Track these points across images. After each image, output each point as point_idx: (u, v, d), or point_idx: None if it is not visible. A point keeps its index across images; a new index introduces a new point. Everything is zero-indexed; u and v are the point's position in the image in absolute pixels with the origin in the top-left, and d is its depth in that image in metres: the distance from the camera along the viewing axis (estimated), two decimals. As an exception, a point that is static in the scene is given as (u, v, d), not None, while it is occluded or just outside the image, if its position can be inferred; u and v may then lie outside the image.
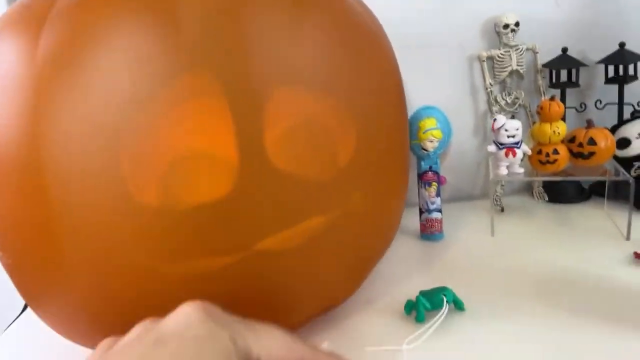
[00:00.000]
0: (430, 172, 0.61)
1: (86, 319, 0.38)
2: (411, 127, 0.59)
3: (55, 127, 0.33)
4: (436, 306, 0.45)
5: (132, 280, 0.35)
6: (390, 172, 0.44)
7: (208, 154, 0.33)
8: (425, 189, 0.61)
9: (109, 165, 0.32)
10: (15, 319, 0.55)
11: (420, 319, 0.45)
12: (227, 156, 0.33)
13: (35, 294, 0.40)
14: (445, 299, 0.45)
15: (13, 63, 0.35)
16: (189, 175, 0.33)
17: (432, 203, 0.61)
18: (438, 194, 0.61)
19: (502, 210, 0.71)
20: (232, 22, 0.34)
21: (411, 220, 0.66)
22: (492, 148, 0.61)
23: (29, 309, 0.55)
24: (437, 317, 0.43)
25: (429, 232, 0.63)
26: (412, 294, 0.46)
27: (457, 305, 0.46)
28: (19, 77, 0.34)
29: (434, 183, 0.61)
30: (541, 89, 0.72)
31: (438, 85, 0.71)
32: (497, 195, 0.72)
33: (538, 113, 0.62)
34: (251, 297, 0.38)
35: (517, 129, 0.60)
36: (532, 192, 0.74)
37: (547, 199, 0.73)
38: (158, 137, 0.32)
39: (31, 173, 0.34)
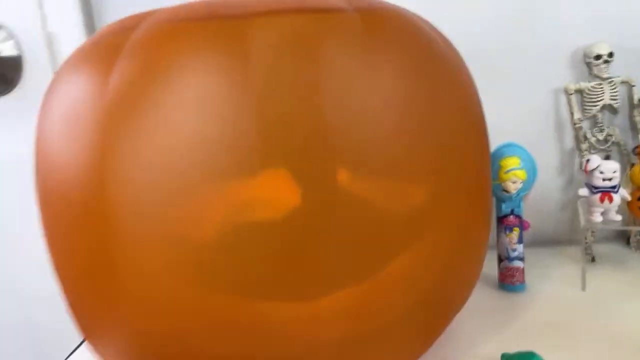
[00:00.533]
0: (512, 216, 0.55)
1: (136, 353, 0.37)
2: (492, 166, 0.54)
3: (121, 168, 0.32)
4: (523, 375, 0.39)
5: (188, 321, 0.33)
6: (470, 216, 0.40)
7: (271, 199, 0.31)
8: (506, 234, 0.55)
9: (169, 205, 0.31)
10: (72, 352, 0.54)
11: (504, 389, 0.39)
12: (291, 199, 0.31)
13: (90, 325, 0.39)
14: (534, 367, 0.39)
15: (83, 100, 0.34)
16: (249, 215, 0.31)
17: (514, 250, 0.55)
18: (520, 241, 0.55)
19: (593, 259, 0.63)
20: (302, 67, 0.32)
21: (489, 267, 0.60)
22: (584, 191, 0.55)
23: (84, 345, 0.54)
24: (525, 388, 0.37)
25: (509, 282, 0.56)
26: (492, 356, 0.41)
27: (548, 375, 0.40)
28: (88, 115, 0.33)
29: (515, 229, 0.55)
30: (638, 125, 0.65)
31: (519, 120, 0.66)
32: (587, 244, 0.64)
33: (637, 154, 0.55)
34: (310, 354, 0.34)
35: (615, 172, 0.53)
36: (628, 241, 0.66)
37: (645, 249, 0.64)
38: (221, 192, 0.30)
39: (95, 212, 0.33)
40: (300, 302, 0.33)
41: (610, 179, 0.53)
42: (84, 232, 0.34)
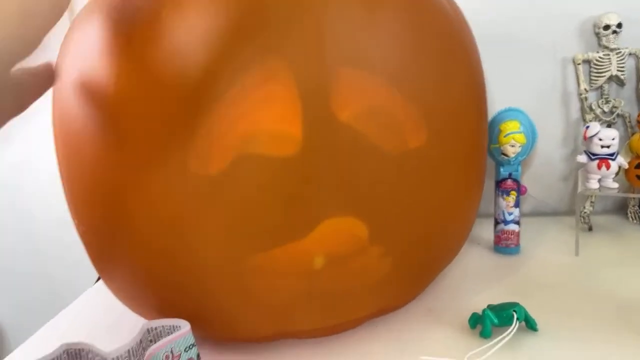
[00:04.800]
0: (509, 180, 0.56)
1: (147, 290, 0.39)
2: (492, 130, 0.55)
3: (134, 84, 0.33)
4: (505, 322, 0.41)
5: (197, 260, 0.35)
6: (463, 170, 0.41)
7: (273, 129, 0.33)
8: (503, 197, 0.57)
9: (178, 135, 0.33)
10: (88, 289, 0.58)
11: (485, 334, 0.41)
12: (292, 128, 0.33)
13: (105, 262, 0.41)
14: (515, 316, 0.41)
15: (97, 32, 0.36)
16: (255, 148, 0.33)
17: (510, 214, 0.57)
18: (517, 205, 0.57)
19: (590, 229, 0.64)
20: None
21: (485, 230, 0.62)
22: (582, 158, 0.56)
23: (100, 281, 0.57)
24: (506, 333, 0.39)
25: (503, 244, 0.58)
26: (479, 308, 0.43)
27: (529, 324, 0.42)
28: (105, 47, 0.35)
29: (512, 192, 0.56)
30: (644, 98, 0.65)
31: (526, 87, 0.67)
32: (585, 213, 0.65)
33: (638, 123, 0.55)
34: (305, 292, 0.37)
35: (613, 139, 0.54)
36: (627, 212, 0.67)
37: (643, 220, 0.65)
38: (228, 113, 0.32)
39: (109, 145, 0.34)
40: (296, 241, 0.35)
41: (608, 146, 0.54)
42: (99, 170, 0.36)
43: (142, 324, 0.35)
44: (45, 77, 0.36)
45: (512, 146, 0.54)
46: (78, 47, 0.38)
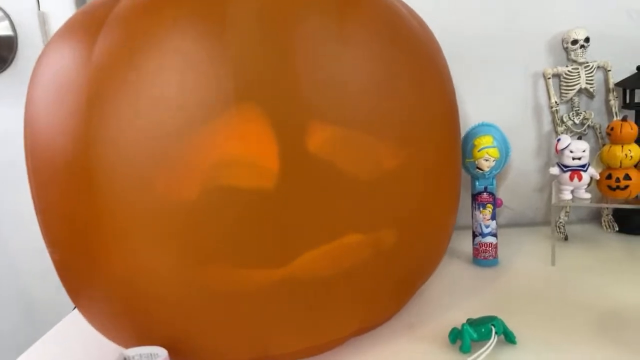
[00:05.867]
0: (485, 193, 0.57)
1: (123, 318, 0.39)
2: (466, 145, 0.56)
3: (105, 129, 0.34)
4: (483, 337, 0.41)
5: (168, 284, 0.35)
6: (438, 185, 0.42)
7: (248, 158, 0.33)
8: (480, 211, 0.58)
9: (151, 165, 0.33)
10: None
11: (465, 349, 0.41)
12: (268, 159, 0.33)
13: (79, 289, 0.40)
14: (494, 330, 0.41)
15: (69, 67, 0.36)
16: (229, 174, 0.33)
17: (487, 226, 0.58)
18: (493, 217, 0.58)
19: (566, 238, 0.65)
20: (279, 45, 0.34)
21: (464, 243, 0.62)
22: (555, 170, 0.57)
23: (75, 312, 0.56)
24: (484, 348, 0.40)
25: (482, 257, 0.59)
26: (460, 322, 0.43)
27: (508, 338, 0.42)
28: (74, 80, 0.35)
29: (489, 205, 0.57)
30: (613, 109, 0.67)
31: (498, 102, 0.68)
32: (560, 223, 0.66)
33: (608, 134, 0.57)
34: (283, 316, 0.37)
35: (584, 151, 0.55)
36: (601, 221, 0.68)
37: (617, 229, 0.66)
38: (201, 142, 0.32)
39: (81, 172, 0.34)
40: (272, 269, 0.35)
41: (579, 158, 0.55)
42: (71, 197, 0.36)
43: (119, 352, 0.34)
44: None
45: (486, 160, 0.55)
46: (50, 71, 0.38)
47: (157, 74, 0.33)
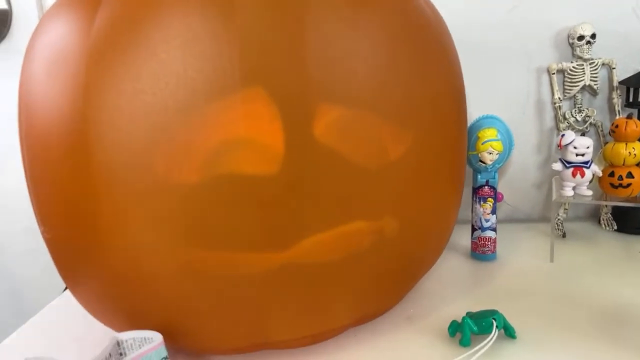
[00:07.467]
0: (486, 187, 0.56)
1: (116, 301, 0.37)
2: (469, 137, 0.55)
3: (104, 104, 0.32)
4: (484, 330, 0.41)
5: (165, 267, 0.34)
6: (444, 176, 0.41)
7: (253, 140, 0.32)
8: (480, 204, 0.57)
9: (151, 143, 0.31)
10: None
11: (465, 343, 0.41)
12: (273, 142, 0.32)
13: (72, 270, 0.39)
14: (495, 324, 0.40)
15: (68, 39, 0.34)
16: (232, 157, 0.32)
17: (487, 220, 0.57)
18: (494, 212, 0.57)
19: (564, 236, 0.65)
20: (289, 28, 0.33)
21: (462, 237, 0.62)
22: (557, 166, 0.56)
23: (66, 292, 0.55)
24: (485, 342, 0.39)
25: (480, 251, 0.58)
26: (459, 315, 0.42)
27: (508, 332, 0.42)
28: (72, 53, 0.34)
29: (489, 199, 0.57)
30: (616, 107, 0.66)
31: (501, 96, 0.67)
32: (559, 219, 0.66)
33: (612, 132, 0.56)
34: (282, 302, 0.36)
35: (588, 147, 0.54)
36: (600, 219, 0.68)
37: (615, 227, 0.66)
38: (205, 121, 0.31)
39: (77, 148, 0.33)
40: (273, 253, 0.34)
41: (583, 155, 0.55)
42: (67, 174, 0.34)
43: (112, 335, 0.33)
44: None
45: (490, 153, 0.54)
46: (47, 44, 0.36)
47: (161, 48, 0.31)
